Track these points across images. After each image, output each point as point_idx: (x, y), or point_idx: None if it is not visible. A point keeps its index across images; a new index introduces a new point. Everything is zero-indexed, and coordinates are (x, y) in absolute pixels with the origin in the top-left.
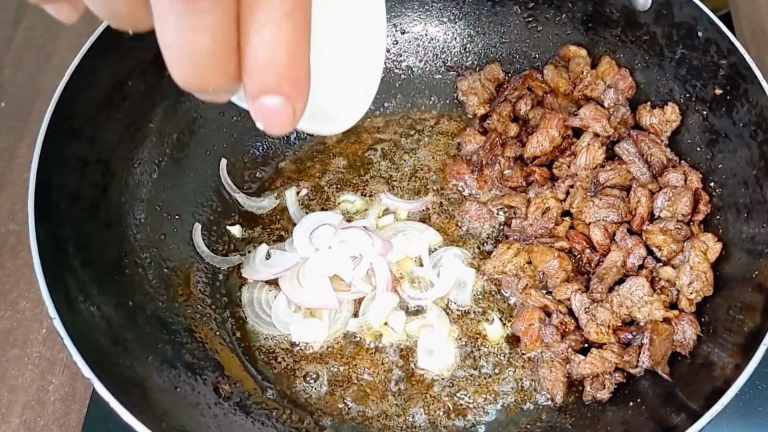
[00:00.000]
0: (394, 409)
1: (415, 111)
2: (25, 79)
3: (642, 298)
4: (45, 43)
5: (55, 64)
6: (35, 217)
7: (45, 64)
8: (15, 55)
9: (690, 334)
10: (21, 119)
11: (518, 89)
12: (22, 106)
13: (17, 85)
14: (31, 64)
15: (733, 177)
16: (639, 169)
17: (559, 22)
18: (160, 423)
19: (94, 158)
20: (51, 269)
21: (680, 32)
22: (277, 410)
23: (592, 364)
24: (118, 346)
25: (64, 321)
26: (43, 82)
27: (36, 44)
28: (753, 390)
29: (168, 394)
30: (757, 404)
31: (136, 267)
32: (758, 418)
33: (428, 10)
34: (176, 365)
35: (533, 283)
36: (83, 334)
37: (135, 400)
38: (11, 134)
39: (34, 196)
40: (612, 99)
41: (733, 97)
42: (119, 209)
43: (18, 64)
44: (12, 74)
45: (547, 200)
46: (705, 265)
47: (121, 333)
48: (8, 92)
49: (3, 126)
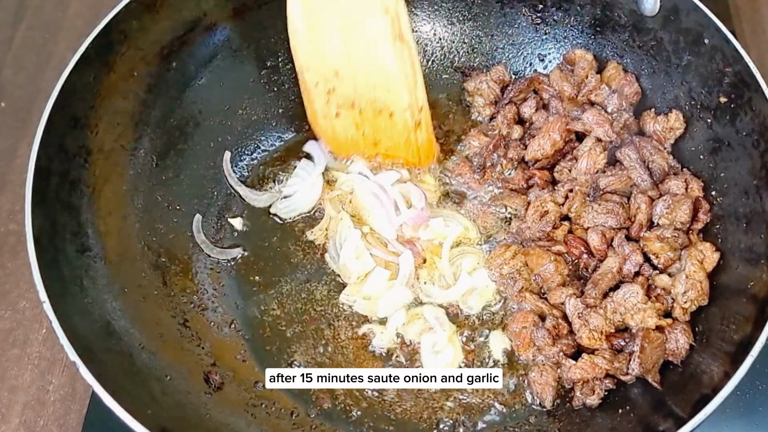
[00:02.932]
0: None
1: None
2: (25, 79)
3: (635, 305)
4: (45, 43)
5: (55, 64)
6: (32, 202)
7: (45, 64)
8: (15, 55)
9: (683, 343)
10: (21, 119)
11: (523, 92)
12: (22, 106)
13: (17, 85)
14: (31, 64)
15: (734, 186)
16: (640, 176)
17: (567, 25)
18: (147, 410)
19: (97, 147)
20: (45, 254)
21: (687, 39)
22: (269, 399)
23: (583, 370)
24: (110, 333)
25: (55, 305)
26: (43, 82)
27: (36, 44)
28: (753, 390)
29: (159, 383)
30: (757, 404)
31: (133, 256)
32: (758, 418)
33: (437, 10)
34: (168, 354)
35: (529, 286)
36: (74, 319)
37: (123, 387)
38: (11, 134)
39: (33, 181)
40: (616, 104)
41: (737, 105)
42: (119, 198)
43: (18, 64)
44: (12, 74)
45: (546, 203)
46: (701, 274)
47: (113, 320)
48: (8, 92)
49: (3, 126)
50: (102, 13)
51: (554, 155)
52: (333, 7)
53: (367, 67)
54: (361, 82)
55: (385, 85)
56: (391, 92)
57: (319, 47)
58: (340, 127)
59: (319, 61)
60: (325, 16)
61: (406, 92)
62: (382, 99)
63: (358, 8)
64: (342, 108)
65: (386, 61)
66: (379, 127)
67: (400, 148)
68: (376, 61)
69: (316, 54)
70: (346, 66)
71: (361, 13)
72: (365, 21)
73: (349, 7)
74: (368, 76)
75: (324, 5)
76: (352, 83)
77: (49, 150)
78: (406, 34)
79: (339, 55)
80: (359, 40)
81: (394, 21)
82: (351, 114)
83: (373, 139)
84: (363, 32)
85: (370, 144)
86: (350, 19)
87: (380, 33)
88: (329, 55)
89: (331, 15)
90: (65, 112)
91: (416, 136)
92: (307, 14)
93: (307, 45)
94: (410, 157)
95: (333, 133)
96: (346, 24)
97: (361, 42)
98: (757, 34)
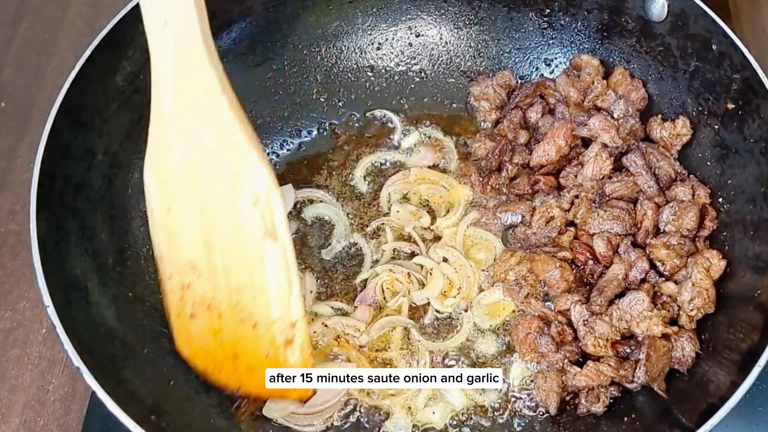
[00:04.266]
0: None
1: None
2: (25, 79)
3: (641, 312)
4: (45, 43)
5: (55, 64)
6: (37, 207)
7: (45, 64)
8: (15, 55)
9: (689, 351)
10: (21, 119)
11: (529, 97)
12: (22, 106)
13: (17, 85)
14: (31, 64)
15: (741, 193)
16: (646, 182)
17: (574, 30)
18: (150, 416)
19: (102, 150)
20: (50, 258)
21: (695, 45)
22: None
23: (588, 377)
24: (113, 337)
25: (59, 310)
26: (43, 82)
27: (36, 44)
28: (753, 390)
29: (161, 387)
30: (757, 404)
31: (137, 259)
32: (758, 418)
33: (444, 13)
34: (172, 358)
35: (534, 292)
36: (78, 323)
37: (126, 391)
38: (11, 134)
39: (38, 185)
40: (622, 110)
41: (744, 112)
42: (124, 201)
43: (18, 64)
44: (12, 74)
45: (551, 209)
46: (707, 282)
47: (118, 324)
48: (8, 92)
49: (3, 126)
50: (102, 13)
51: (559, 161)
52: (193, 191)
53: (229, 265)
54: (222, 281)
55: (249, 290)
56: (256, 298)
57: (174, 235)
58: (195, 329)
59: (175, 250)
60: (182, 200)
61: (276, 302)
62: (245, 305)
63: (221, 196)
64: (198, 308)
65: (253, 261)
66: (241, 338)
67: (263, 368)
68: (241, 260)
69: (171, 242)
70: (204, 260)
71: (224, 201)
72: (229, 211)
73: (212, 194)
74: (230, 275)
75: (182, 189)
76: (210, 281)
77: (54, 153)
78: (280, 233)
79: (197, 246)
80: (221, 233)
81: (264, 215)
82: (208, 316)
83: (232, 351)
84: (226, 223)
85: (228, 356)
86: (211, 207)
87: (247, 227)
88: (186, 246)
89: (189, 200)
90: (70, 114)
91: (284, 357)
92: (163, 196)
93: (162, 231)
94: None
95: (187, 335)
96: (205, 212)
97: (224, 235)
98: (757, 34)
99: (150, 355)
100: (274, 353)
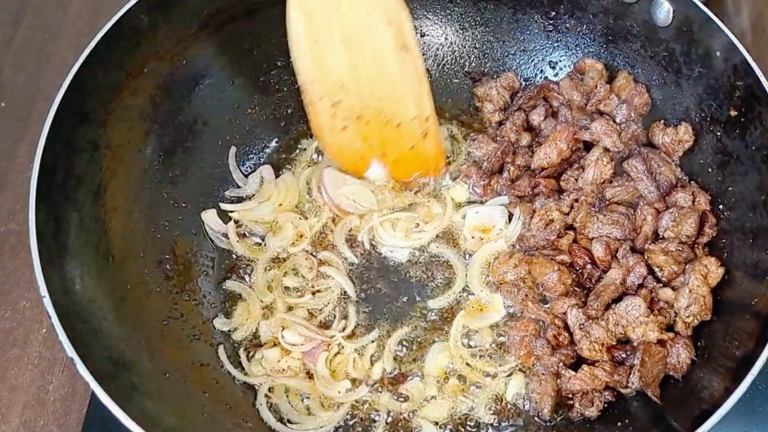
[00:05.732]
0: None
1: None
2: (25, 79)
3: (638, 318)
4: (45, 43)
5: (55, 64)
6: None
7: (45, 64)
8: (15, 55)
9: (684, 358)
10: (21, 119)
11: (533, 99)
12: (22, 106)
13: (17, 85)
14: (31, 64)
15: (741, 201)
16: (646, 187)
17: (579, 33)
18: (145, 409)
19: (104, 143)
20: (47, 249)
21: (699, 51)
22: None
23: (582, 381)
24: (109, 329)
25: (55, 301)
26: (43, 82)
27: (36, 44)
28: (753, 390)
29: (156, 381)
30: (757, 404)
31: (136, 253)
32: (758, 418)
33: (449, 14)
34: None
35: (532, 295)
36: (73, 315)
37: (120, 384)
38: (11, 134)
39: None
40: (624, 115)
41: (747, 119)
42: (125, 195)
43: (18, 64)
44: (12, 74)
45: (551, 212)
46: (704, 289)
47: (113, 317)
48: (8, 92)
49: (3, 126)
50: (102, 13)
51: (561, 164)
52: (336, 19)
53: (372, 78)
54: (367, 93)
55: (391, 96)
56: (397, 103)
57: (322, 60)
58: (346, 140)
59: (324, 74)
60: (327, 28)
61: (413, 103)
62: (389, 110)
63: (361, 19)
64: (348, 121)
65: (391, 72)
66: (387, 138)
67: (408, 158)
68: (382, 73)
69: (319, 67)
70: (351, 78)
71: (364, 24)
72: (369, 32)
73: (352, 19)
74: (374, 87)
75: (327, 18)
76: (357, 95)
77: (56, 145)
78: (411, 44)
79: (343, 67)
80: (363, 52)
81: (398, 31)
82: (358, 126)
83: (381, 151)
84: (367, 43)
85: (377, 155)
86: (353, 30)
87: (384, 44)
88: (333, 68)
89: (334, 27)
90: (73, 107)
91: (423, 146)
92: (310, 27)
93: (311, 58)
94: (418, 166)
95: (340, 147)
96: (349, 36)
97: (366, 53)
98: (757, 34)
99: (146, 349)
100: (416, 144)
